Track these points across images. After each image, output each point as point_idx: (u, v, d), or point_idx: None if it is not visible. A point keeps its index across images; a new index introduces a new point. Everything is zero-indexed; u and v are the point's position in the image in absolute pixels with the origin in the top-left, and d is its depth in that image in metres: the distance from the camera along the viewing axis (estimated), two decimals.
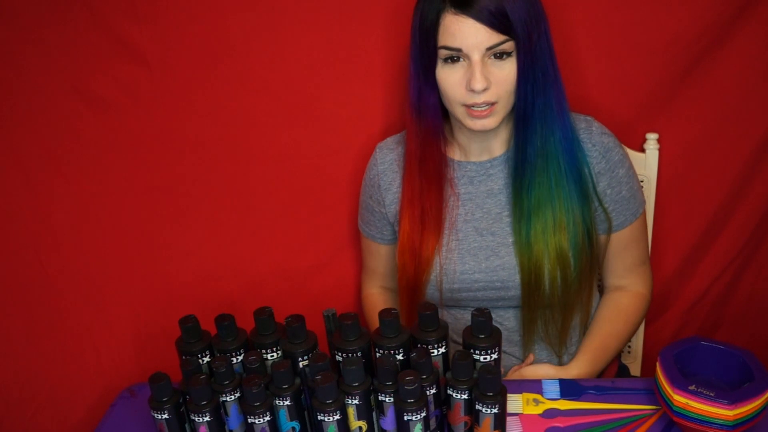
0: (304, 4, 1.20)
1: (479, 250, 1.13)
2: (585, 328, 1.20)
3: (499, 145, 1.14)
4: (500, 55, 1.00)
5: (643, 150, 1.28)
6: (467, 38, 0.98)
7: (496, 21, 0.97)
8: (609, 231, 1.14)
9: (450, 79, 1.03)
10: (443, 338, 0.95)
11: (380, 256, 1.29)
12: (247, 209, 1.34)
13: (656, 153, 1.27)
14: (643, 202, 1.17)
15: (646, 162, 1.27)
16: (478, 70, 0.99)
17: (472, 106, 1.03)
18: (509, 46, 0.99)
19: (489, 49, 0.99)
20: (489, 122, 1.04)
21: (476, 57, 0.99)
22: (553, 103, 1.05)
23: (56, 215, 1.28)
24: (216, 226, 1.35)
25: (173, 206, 1.32)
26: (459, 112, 1.05)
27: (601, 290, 1.26)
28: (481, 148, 1.14)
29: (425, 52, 1.03)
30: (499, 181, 1.14)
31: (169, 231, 1.33)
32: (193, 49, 1.22)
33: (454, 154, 1.17)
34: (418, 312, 0.95)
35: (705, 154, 1.29)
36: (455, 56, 1.01)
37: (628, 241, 1.16)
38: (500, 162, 1.14)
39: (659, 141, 1.26)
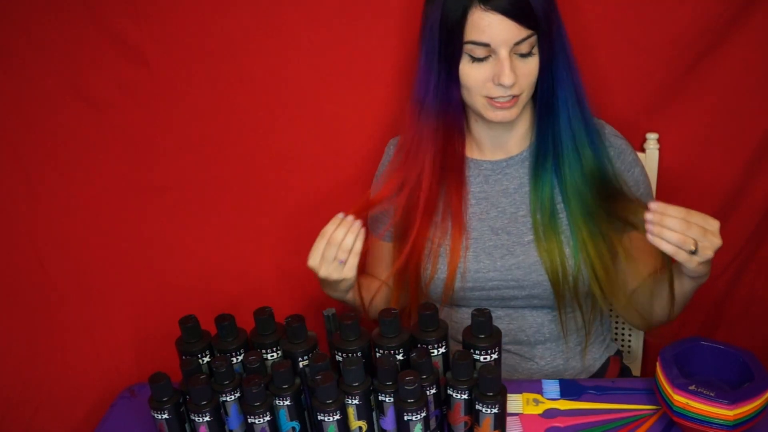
0: (305, 3, 1.20)
1: (494, 249, 1.13)
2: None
3: (515, 143, 1.14)
4: (525, 52, 1.01)
5: (643, 150, 1.28)
6: (496, 34, 0.98)
7: (523, 15, 0.98)
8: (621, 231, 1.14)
9: (474, 74, 1.03)
10: (443, 338, 0.95)
11: (383, 258, 1.26)
12: (248, 209, 1.34)
13: (656, 153, 1.27)
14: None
15: (646, 162, 1.27)
16: (507, 66, 0.99)
17: (496, 98, 1.03)
18: (534, 41, 1.01)
19: (516, 44, 0.99)
20: (510, 114, 1.05)
21: (504, 53, 0.99)
22: (575, 90, 1.06)
23: (56, 215, 1.28)
24: (216, 226, 1.35)
25: (173, 206, 1.32)
26: (479, 103, 1.05)
27: None
28: (497, 145, 1.14)
29: (449, 48, 1.03)
30: (515, 180, 1.14)
31: (169, 231, 1.33)
32: (193, 49, 1.22)
33: (468, 151, 1.17)
34: (418, 312, 0.95)
35: (705, 154, 1.29)
36: (481, 52, 1.01)
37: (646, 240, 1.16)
38: (516, 162, 1.14)
39: (659, 141, 1.26)
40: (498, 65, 1.00)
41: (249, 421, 0.92)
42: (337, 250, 1.04)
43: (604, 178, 1.09)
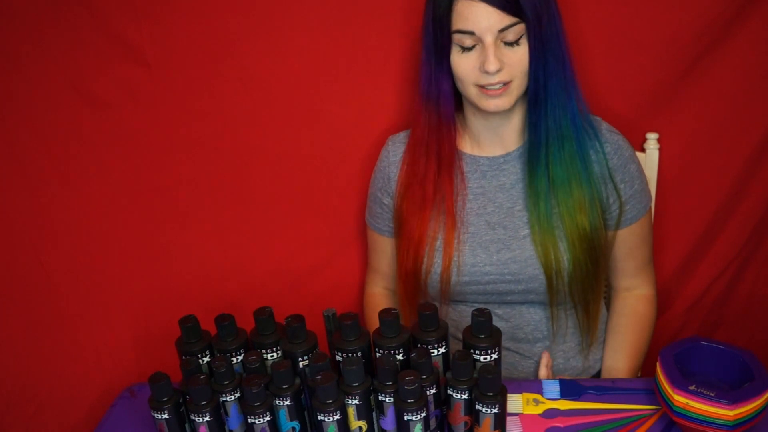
0: (305, 2, 1.20)
1: (491, 243, 1.14)
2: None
3: (512, 137, 1.14)
4: (511, 42, 1.02)
5: (643, 150, 1.28)
6: (480, 21, 1.00)
7: (507, 4, 0.99)
8: (617, 227, 1.15)
9: (463, 63, 1.05)
10: (443, 338, 0.95)
11: (386, 252, 1.29)
12: (248, 209, 1.34)
13: (656, 153, 1.27)
14: (651, 198, 1.19)
15: (646, 162, 1.27)
16: (491, 52, 1.01)
17: (486, 86, 1.04)
18: (520, 29, 1.02)
19: (501, 31, 1.01)
20: (502, 102, 1.06)
21: (489, 39, 1.01)
22: (565, 85, 1.07)
23: (56, 215, 1.28)
24: (216, 226, 1.35)
25: (173, 206, 1.32)
26: (473, 93, 1.07)
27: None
28: (494, 139, 1.15)
29: (439, 39, 1.06)
30: (511, 176, 1.15)
31: (169, 231, 1.33)
32: (193, 49, 1.22)
33: (466, 147, 1.17)
34: (417, 312, 0.95)
35: (705, 154, 1.29)
36: (468, 41, 1.03)
37: (639, 239, 1.17)
38: (513, 158, 1.15)
39: (659, 141, 1.27)
40: (483, 53, 1.02)
41: (249, 421, 0.92)
42: None
43: (587, 174, 1.10)
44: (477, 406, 0.90)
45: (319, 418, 0.90)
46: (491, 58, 1.01)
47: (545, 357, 1.16)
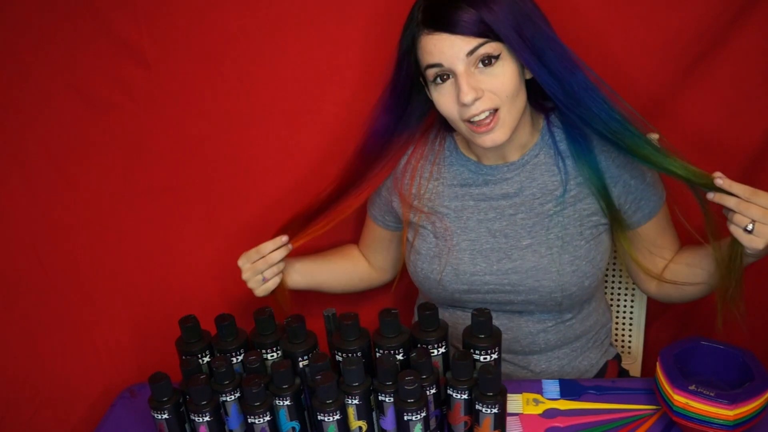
0: (305, 3, 1.20)
1: (491, 252, 1.12)
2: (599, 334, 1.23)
3: (514, 153, 1.12)
4: (488, 61, 0.98)
5: None
6: (444, 51, 0.97)
7: (470, 27, 0.95)
8: (637, 224, 1.14)
9: (442, 98, 1.02)
10: (443, 338, 0.95)
11: (370, 234, 1.30)
12: (247, 209, 1.34)
13: None
14: (664, 188, 1.16)
15: None
16: (464, 81, 0.97)
17: (474, 122, 1.00)
18: (492, 48, 0.97)
19: (470, 55, 0.97)
20: (497, 135, 1.01)
21: (460, 68, 0.97)
22: (589, 81, 1.01)
23: (56, 215, 1.28)
24: (216, 226, 1.35)
25: (173, 206, 1.32)
26: (464, 129, 1.04)
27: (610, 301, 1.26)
28: (496, 156, 1.13)
29: (415, 78, 1.05)
30: (515, 185, 1.12)
31: (169, 231, 1.33)
32: (193, 49, 1.22)
33: (472, 155, 1.16)
34: (417, 312, 0.96)
35: (705, 154, 1.29)
36: (442, 74, 1.00)
37: (665, 222, 1.16)
38: (517, 166, 1.12)
39: (659, 141, 1.26)
40: (457, 84, 0.99)
41: (249, 421, 0.92)
42: (267, 267, 1.15)
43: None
44: (477, 406, 0.90)
45: (319, 418, 0.90)
46: (464, 88, 0.96)
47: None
